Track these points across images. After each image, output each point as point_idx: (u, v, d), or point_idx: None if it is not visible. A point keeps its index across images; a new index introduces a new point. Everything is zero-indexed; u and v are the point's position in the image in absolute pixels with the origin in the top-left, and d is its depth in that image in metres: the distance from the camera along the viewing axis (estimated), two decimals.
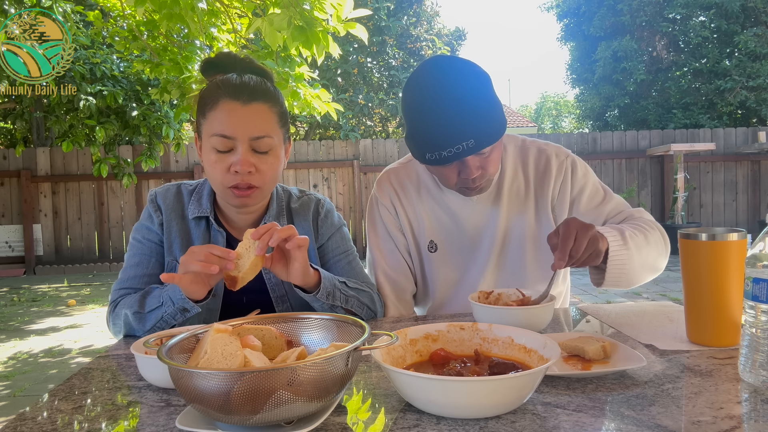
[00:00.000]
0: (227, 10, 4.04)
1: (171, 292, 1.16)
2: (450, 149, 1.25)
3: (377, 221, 1.57)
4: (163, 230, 1.36)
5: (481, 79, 1.28)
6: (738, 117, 13.44)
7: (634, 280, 1.32)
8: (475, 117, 1.24)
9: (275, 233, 1.08)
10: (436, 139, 1.25)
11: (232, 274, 1.07)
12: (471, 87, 1.26)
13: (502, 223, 1.49)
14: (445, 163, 1.28)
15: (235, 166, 1.22)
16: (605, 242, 1.24)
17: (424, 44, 13.59)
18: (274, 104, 1.28)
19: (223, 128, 1.22)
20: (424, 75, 1.29)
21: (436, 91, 1.25)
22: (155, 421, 0.77)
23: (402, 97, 1.36)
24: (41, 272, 8.86)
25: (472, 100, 1.25)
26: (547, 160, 1.49)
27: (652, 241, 1.34)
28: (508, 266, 1.50)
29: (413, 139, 1.32)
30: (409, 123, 1.33)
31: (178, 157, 9.11)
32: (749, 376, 0.84)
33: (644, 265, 1.31)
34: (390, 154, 9.53)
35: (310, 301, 1.24)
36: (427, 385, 0.73)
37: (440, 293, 1.54)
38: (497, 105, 1.30)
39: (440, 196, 1.51)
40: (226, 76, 1.28)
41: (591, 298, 6.03)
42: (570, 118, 29.28)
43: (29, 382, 3.64)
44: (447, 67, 1.28)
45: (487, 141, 1.26)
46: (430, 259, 1.53)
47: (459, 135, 1.23)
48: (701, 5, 13.08)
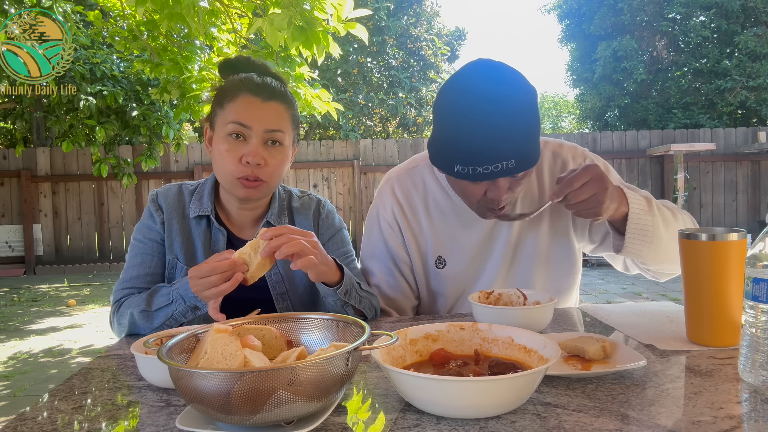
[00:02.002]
0: (227, 10, 4.04)
1: (181, 289, 1.17)
2: (488, 166, 1.13)
3: (376, 236, 1.48)
4: (164, 229, 1.37)
5: (530, 95, 1.16)
6: (738, 117, 13.43)
7: (658, 251, 1.23)
8: (521, 136, 1.14)
9: (283, 247, 1.06)
10: (474, 152, 1.13)
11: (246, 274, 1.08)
12: (522, 102, 1.14)
13: (514, 235, 1.41)
14: (477, 180, 1.17)
15: (246, 157, 1.25)
16: (625, 204, 1.18)
17: (424, 44, 13.58)
18: (289, 107, 1.34)
19: (240, 117, 1.27)
20: (471, 78, 1.17)
21: (483, 99, 1.13)
22: (155, 421, 0.77)
23: (439, 95, 1.22)
24: (41, 272, 8.86)
25: (521, 118, 1.14)
26: (564, 164, 1.42)
27: (680, 219, 1.28)
28: (517, 278, 1.43)
29: (444, 145, 1.20)
30: (442, 128, 1.20)
31: (178, 157, 9.11)
32: (749, 376, 0.84)
33: (670, 243, 1.23)
34: (390, 154, 9.53)
35: (327, 294, 1.24)
36: (427, 385, 0.73)
37: (447, 306, 1.48)
38: (539, 128, 1.20)
39: (449, 206, 1.43)
40: (248, 74, 1.33)
41: (591, 298, 6.04)
42: (570, 118, 29.27)
43: (29, 382, 3.64)
44: (499, 75, 1.16)
45: (527, 164, 1.17)
46: (438, 275, 1.45)
47: (501, 153, 1.12)
48: (701, 5, 13.07)
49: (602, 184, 1.13)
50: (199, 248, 1.36)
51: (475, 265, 1.44)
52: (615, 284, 6.86)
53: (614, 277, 7.30)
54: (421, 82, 13.24)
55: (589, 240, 1.45)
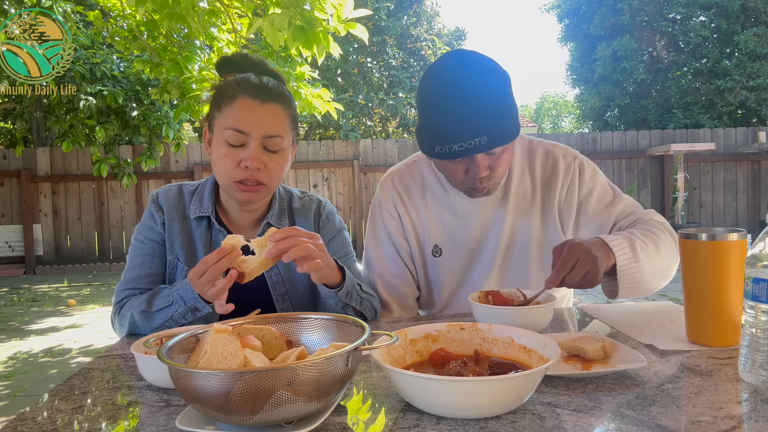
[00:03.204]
0: (227, 10, 4.04)
1: (182, 291, 1.17)
2: (461, 144, 1.22)
3: (379, 226, 1.54)
4: (165, 229, 1.37)
5: (500, 77, 1.25)
6: (738, 117, 13.43)
7: (647, 289, 1.29)
8: (490, 114, 1.22)
9: (291, 251, 1.06)
10: (449, 131, 1.22)
11: (241, 268, 1.06)
12: (490, 84, 1.24)
13: (507, 226, 1.47)
14: (454, 158, 1.26)
15: (245, 162, 1.25)
16: (612, 257, 1.22)
17: (424, 44, 13.59)
18: (288, 107, 1.32)
19: (238, 123, 1.25)
20: (443, 66, 1.27)
21: (453, 83, 1.22)
22: (155, 421, 0.77)
23: (418, 87, 1.33)
24: (41, 272, 8.86)
25: (489, 97, 1.22)
26: (555, 162, 1.47)
27: (662, 248, 1.31)
28: (512, 269, 1.48)
29: (424, 130, 1.29)
30: (422, 114, 1.30)
31: (178, 157, 9.11)
32: (749, 376, 0.84)
33: (656, 273, 1.29)
34: (390, 154, 9.53)
35: (328, 296, 1.24)
36: (427, 385, 0.73)
37: (444, 297, 1.52)
38: (513, 107, 1.27)
39: (445, 197, 1.49)
40: (246, 74, 1.31)
41: (591, 298, 6.04)
42: (570, 118, 29.27)
43: (29, 382, 3.64)
44: (468, 61, 1.26)
45: (499, 140, 1.24)
46: (435, 264, 1.51)
47: (472, 130, 1.21)
48: (701, 5, 13.07)
49: (591, 257, 1.16)
50: (200, 249, 1.36)
51: (469, 256, 1.49)
52: None
53: None
54: None
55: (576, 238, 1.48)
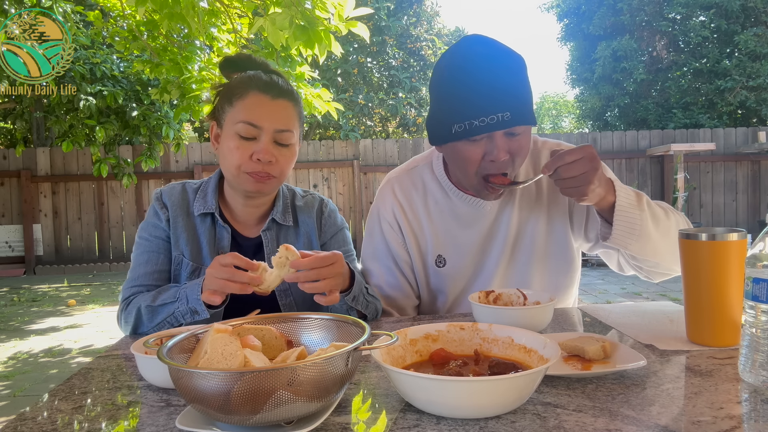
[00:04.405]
0: (227, 10, 4.04)
1: (189, 290, 1.18)
2: (483, 118, 1.17)
3: (377, 237, 1.49)
4: (170, 226, 1.38)
5: (521, 61, 1.24)
6: (738, 117, 13.42)
7: (648, 248, 1.24)
8: (513, 90, 1.18)
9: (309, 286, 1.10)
10: (470, 106, 1.18)
11: (260, 288, 1.09)
12: (512, 61, 1.21)
13: (512, 229, 1.43)
14: (475, 134, 1.19)
15: (257, 155, 1.27)
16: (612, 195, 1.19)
17: (424, 44, 13.59)
18: (296, 104, 1.36)
19: (250, 116, 1.28)
20: (462, 47, 1.25)
21: (475, 58, 1.20)
22: (155, 421, 0.77)
23: (434, 70, 1.31)
24: (41, 272, 8.86)
25: (512, 73, 1.20)
26: None
27: (673, 219, 1.28)
28: (516, 274, 1.45)
29: (440, 115, 1.25)
30: (437, 96, 1.27)
31: (178, 157, 9.11)
32: (749, 376, 0.84)
33: (665, 236, 1.24)
34: (390, 154, 9.53)
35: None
36: (427, 385, 0.73)
37: (447, 304, 1.50)
38: (531, 92, 1.25)
39: (448, 204, 1.45)
40: (256, 72, 1.35)
41: (591, 298, 6.04)
42: (570, 118, 29.26)
43: (29, 382, 3.64)
44: (488, 40, 1.24)
45: (522, 119, 1.19)
46: (438, 274, 1.47)
47: (495, 105, 1.16)
48: (701, 5, 13.07)
49: (594, 165, 1.13)
50: (205, 245, 1.37)
51: (474, 263, 1.45)
52: (615, 284, 6.86)
53: (614, 277, 7.30)
54: (421, 82, 13.24)
55: (585, 238, 1.46)
